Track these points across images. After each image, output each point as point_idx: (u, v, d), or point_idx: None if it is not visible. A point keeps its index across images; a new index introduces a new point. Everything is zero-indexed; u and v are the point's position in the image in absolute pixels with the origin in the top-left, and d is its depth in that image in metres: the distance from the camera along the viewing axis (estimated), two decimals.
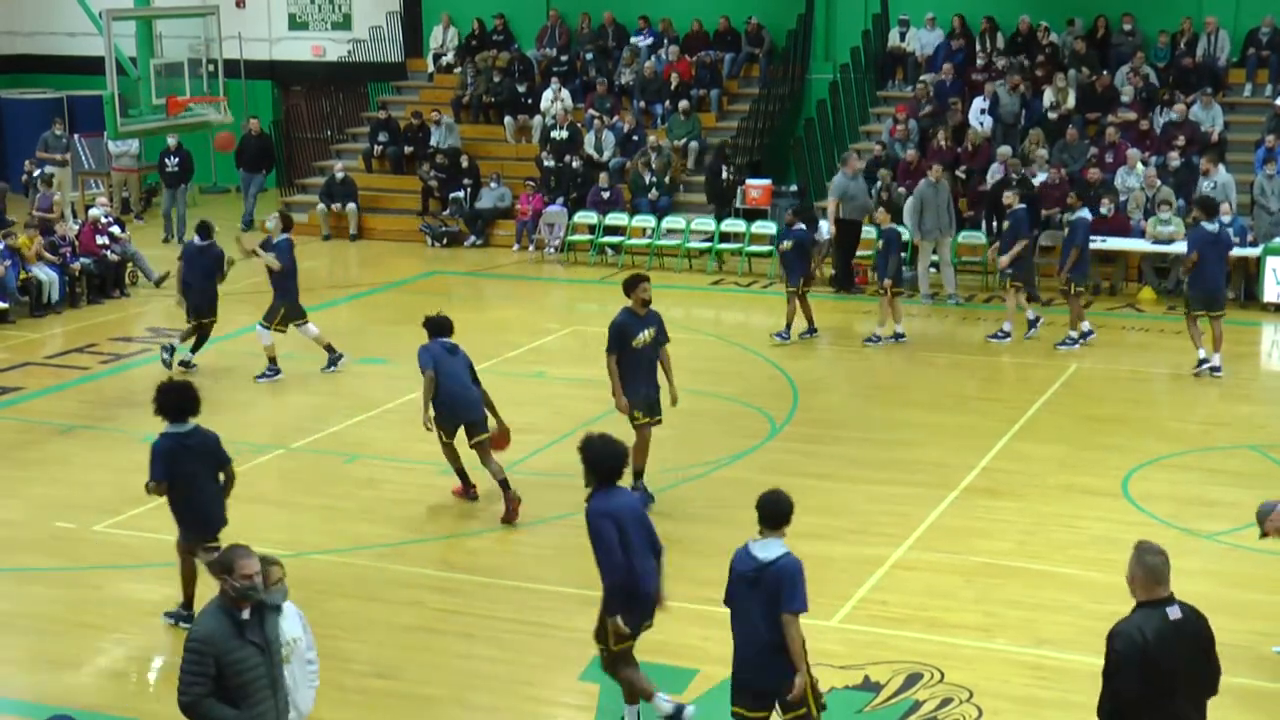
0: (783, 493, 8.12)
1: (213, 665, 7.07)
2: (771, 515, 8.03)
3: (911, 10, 27.35)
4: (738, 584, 8.09)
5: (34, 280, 20.86)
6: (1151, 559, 7.04)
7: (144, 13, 27.00)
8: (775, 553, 7.98)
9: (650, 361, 12.93)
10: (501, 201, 26.07)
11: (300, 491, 13.98)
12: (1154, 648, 6.87)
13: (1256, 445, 14.90)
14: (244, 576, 7.19)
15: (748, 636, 8.09)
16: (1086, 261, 19.13)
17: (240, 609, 7.20)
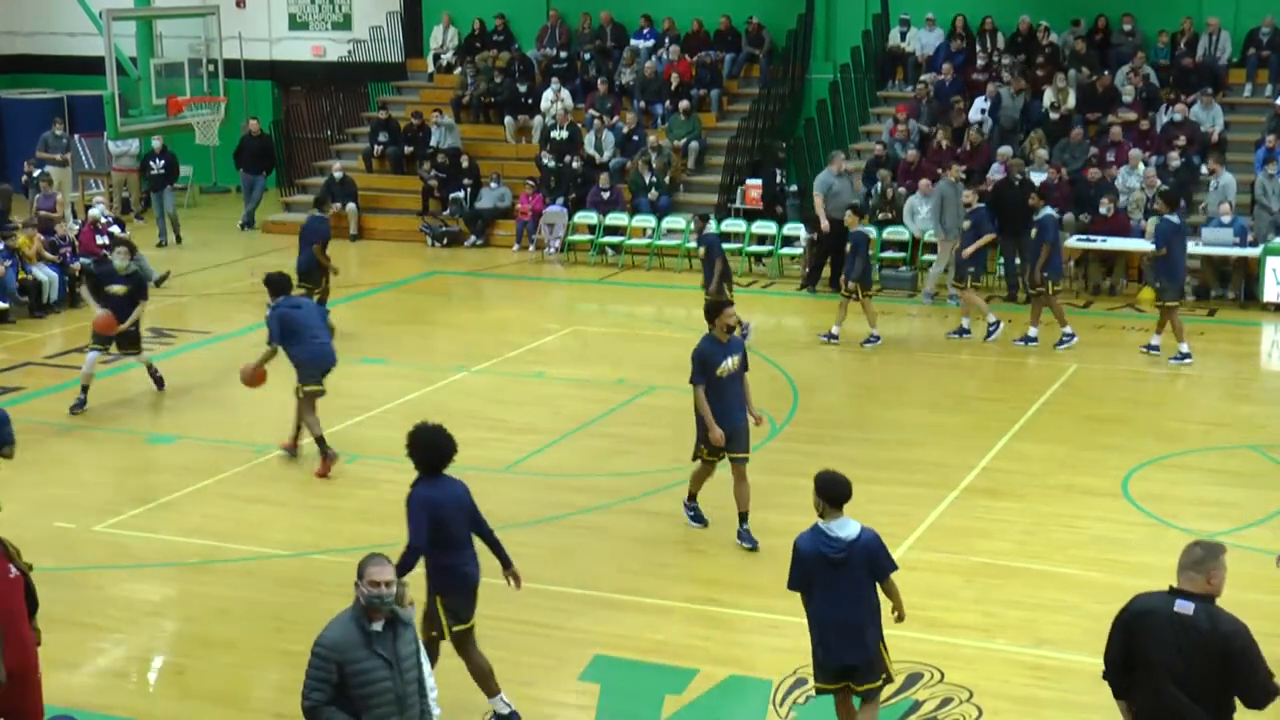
0: (839, 473, 8.39)
1: (335, 673, 6.94)
2: (838, 496, 8.28)
3: (912, 10, 27.36)
4: (819, 567, 8.23)
5: (34, 280, 20.85)
6: (1190, 550, 7.06)
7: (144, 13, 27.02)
8: (856, 529, 8.25)
9: (736, 391, 12.26)
10: (501, 201, 26.08)
11: (300, 491, 13.98)
12: (1135, 624, 7.01)
13: (1256, 445, 14.90)
14: (371, 584, 7.01)
15: (834, 615, 8.27)
16: (1059, 258, 19.13)
17: (372, 620, 7.04)
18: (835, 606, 8.25)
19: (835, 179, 21.91)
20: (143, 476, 14.22)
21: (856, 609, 8.26)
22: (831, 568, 8.19)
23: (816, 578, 8.23)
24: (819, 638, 8.40)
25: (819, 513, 8.32)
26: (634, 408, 16.38)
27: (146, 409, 16.61)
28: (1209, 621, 6.87)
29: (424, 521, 9.04)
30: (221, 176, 31.60)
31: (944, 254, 21.02)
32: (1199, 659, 6.86)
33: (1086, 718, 9.59)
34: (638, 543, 12.61)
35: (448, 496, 9.23)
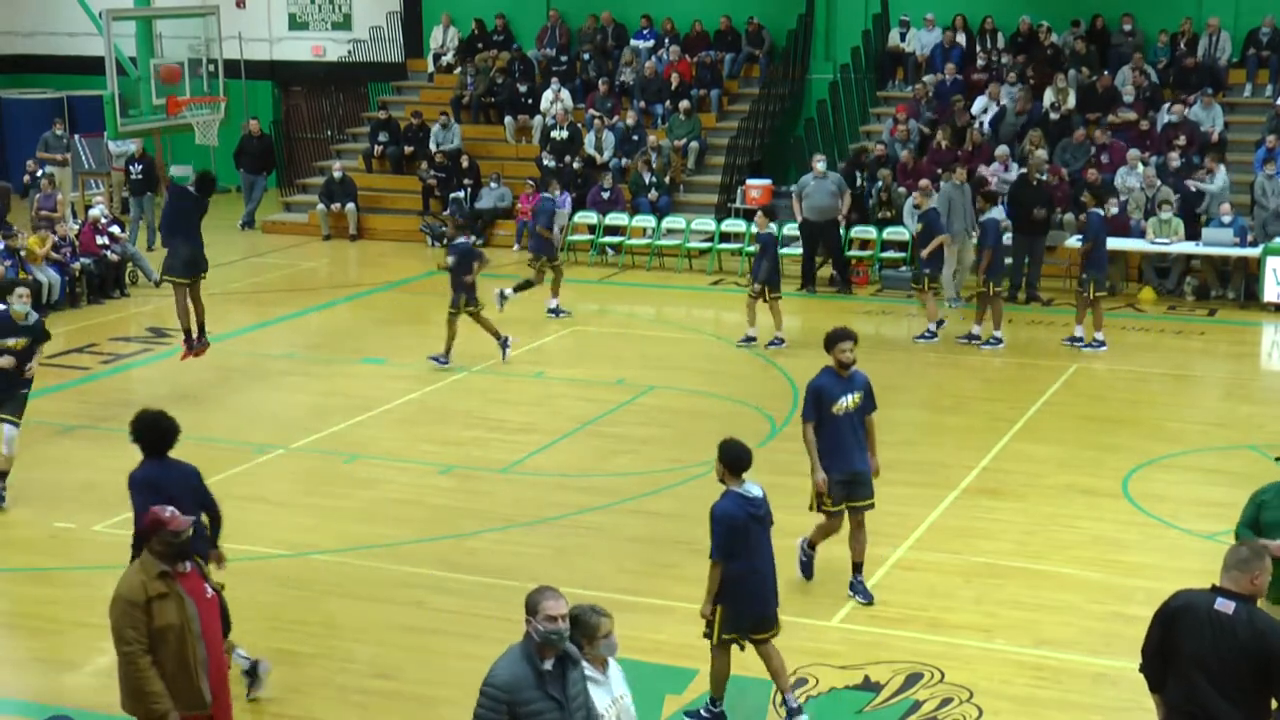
0: (741, 441, 9.17)
1: (505, 713, 6.67)
2: (743, 464, 9.09)
3: (912, 10, 27.36)
4: (750, 527, 8.98)
5: (34, 281, 20.83)
6: (1235, 551, 7.14)
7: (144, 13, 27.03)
8: (760, 488, 9.13)
9: (853, 432, 11.12)
10: (501, 201, 26.08)
11: (300, 491, 13.98)
12: (1175, 617, 7.08)
13: (1256, 445, 14.89)
14: (548, 618, 6.77)
15: (764, 569, 9.10)
16: (1000, 262, 19.15)
17: (544, 657, 6.79)
18: (764, 560, 9.11)
19: (812, 180, 21.97)
20: None
21: (772, 562, 9.20)
22: (759, 525, 9.05)
23: (745, 539, 8.96)
24: (746, 592, 9.01)
25: (720, 479, 9.12)
26: (634, 408, 16.39)
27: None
28: (1248, 620, 6.92)
29: (144, 502, 9.07)
30: (221, 177, 31.44)
31: (951, 256, 20.99)
32: (1235, 657, 6.89)
33: (1086, 718, 9.60)
34: (638, 543, 12.61)
35: (172, 478, 9.40)
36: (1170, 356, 18.62)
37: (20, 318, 13.58)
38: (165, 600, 7.55)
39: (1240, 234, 21.07)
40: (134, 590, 7.53)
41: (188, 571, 7.76)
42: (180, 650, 7.59)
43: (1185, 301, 21.34)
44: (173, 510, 7.69)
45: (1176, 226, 21.34)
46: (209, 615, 7.81)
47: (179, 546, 7.66)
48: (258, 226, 27.79)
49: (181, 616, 7.59)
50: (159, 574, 7.59)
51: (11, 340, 13.44)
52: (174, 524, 7.63)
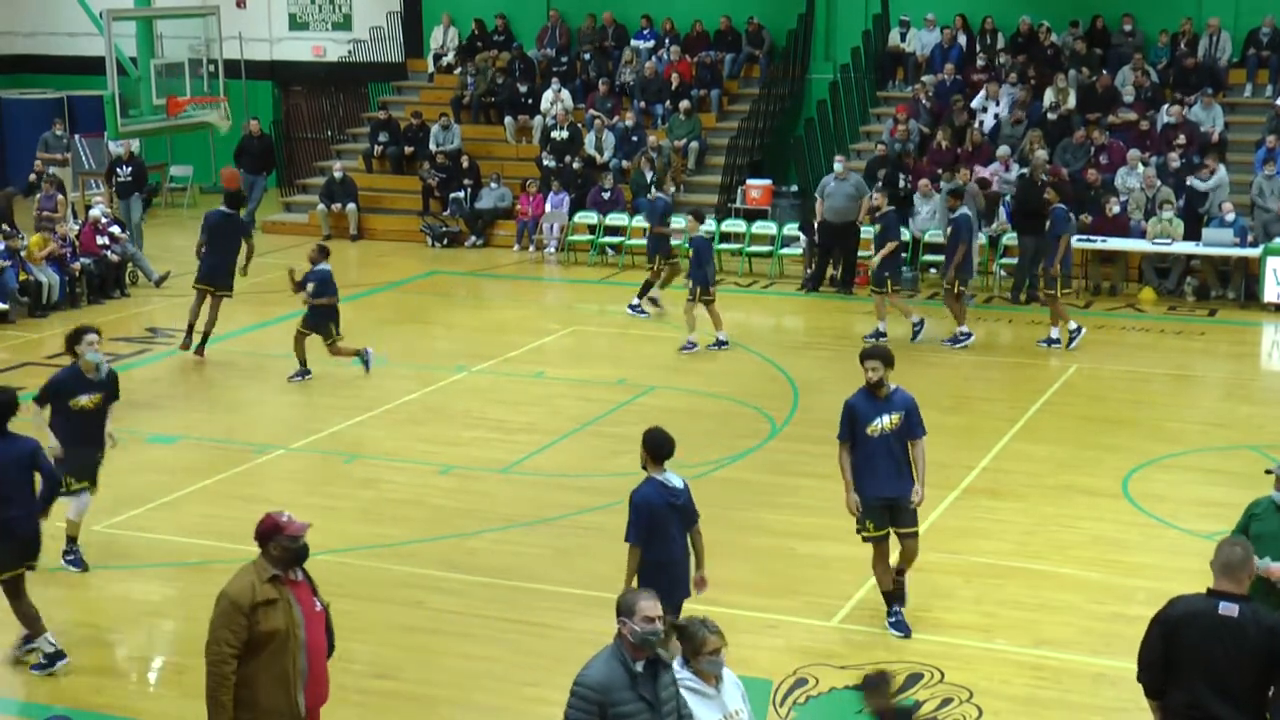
0: (664, 430, 9.40)
1: (597, 714, 6.56)
2: (665, 453, 9.32)
3: (912, 10, 27.36)
4: (665, 515, 9.21)
5: (34, 281, 20.85)
6: (1228, 551, 7.17)
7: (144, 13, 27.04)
8: (681, 479, 9.40)
9: (891, 456, 10.44)
10: (501, 202, 26.08)
11: (300, 491, 13.97)
12: (1179, 625, 7.09)
13: (1256, 446, 14.88)
14: (645, 619, 6.64)
15: (676, 557, 9.29)
16: (971, 261, 19.17)
17: (636, 658, 6.65)
18: (677, 548, 9.31)
19: (832, 181, 21.99)
20: (143, 476, 14.20)
21: (685, 551, 9.40)
22: (675, 513, 9.27)
23: (661, 526, 9.19)
24: (658, 579, 8.97)
25: (643, 466, 9.35)
26: (634, 408, 16.38)
27: (146, 409, 16.57)
28: (1254, 620, 6.99)
29: None
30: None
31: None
32: (1246, 658, 6.95)
33: (1086, 718, 9.60)
34: None
35: (6, 453, 9.84)
36: (1170, 356, 18.62)
37: (90, 370, 11.71)
38: (273, 606, 7.40)
39: (1240, 234, 21.07)
40: (242, 593, 7.38)
41: (299, 581, 7.60)
42: (280, 658, 7.44)
43: (1185, 301, 21.34)
44: (289, 515, 7.53)
45: (1176, 226, 21.34)
46: (315, 628, 7.63)
47: (295, 552, 7.51)
48: (258, 226, 27.75)
49: (287, 623, 7.44)
50: (270, 578, 7.45)
51: (85, 398, 11.71)
52: (291, 528, 7.48)
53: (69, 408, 11.63)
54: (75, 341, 11.75)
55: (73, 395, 11.67)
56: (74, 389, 11.69)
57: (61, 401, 11.64)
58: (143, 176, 25.81)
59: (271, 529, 7.51)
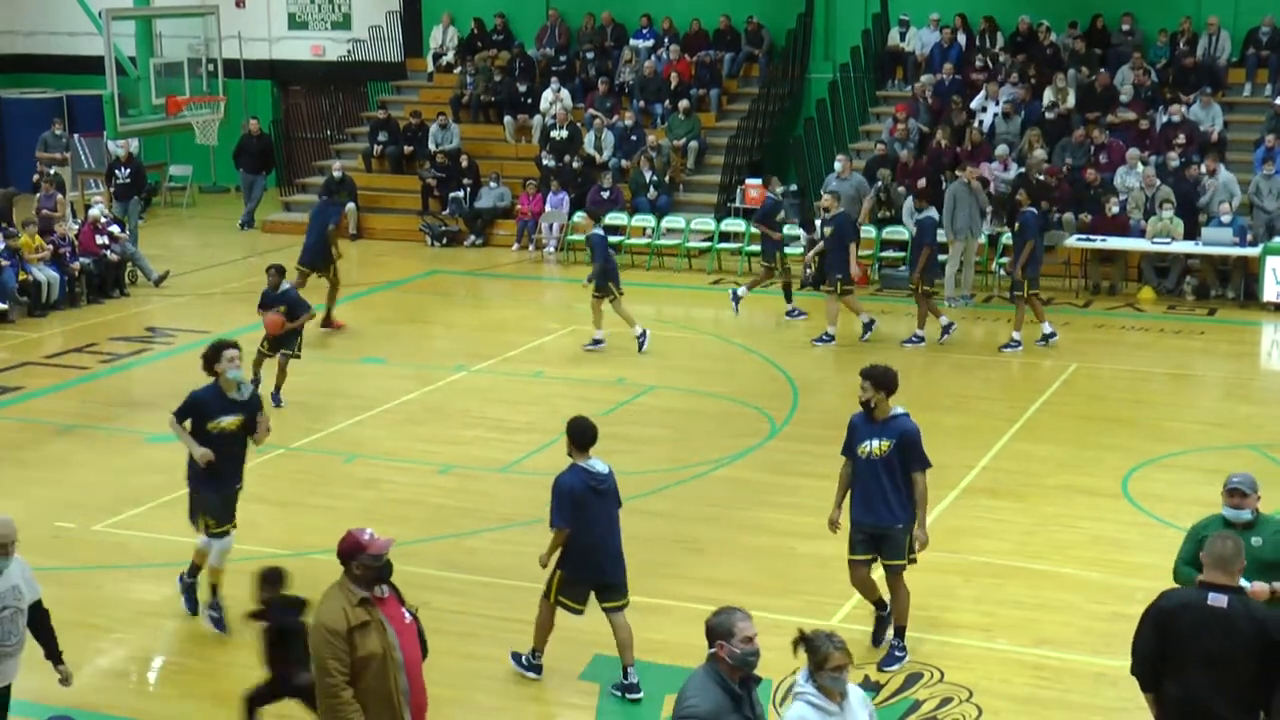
0: (588, 419, 9.72)
1: None
2: (589, 440, 9.65)
3: (912, 10, 27.36)
4: (588, 499, 9.55)
5: (34, 280, 20.85)
6: (1220, 545, 7.21)
7: (144, 12, 27.04)
8: (606, 465, 9.73)
9: (878, 481, 10.01)
10: (501, 201, 26.08)
11: (300, 491, 13.98)
12: (1171, 618, 7.16)
13: (1256, 445, 14.89)
14: (745, 640, 6.63)
15: (602, 540, 9.69)
16: (936, 261, 19.16)
17: (734, 678, 6.62)
18: (603, 531, 9.70)
19: (835, 181, 22.02)
20: (143, 476, 14.20)
21: (616, 533, 9.81)
22: (598, 498, 9.61)
23: (584, 510, 9.54)
24: (584, 561, 9.66)
25: (569, 454, 9.68)
26: (634, 408, 16.39)
27: (146, 409, 16.58)
28: (1244, 611, 7.05)
29: None
30: (221, 176, 31.60)
31: (955, 254, 20.99)
32: (1237, 649, 7.00)
33: (1086, 718, 9.60)
34: (638, 543, 12.55)
35: None
36: (1170, 356, 18.62)
37: (232, 389, 10.59)
38: (366, 629, 7.17)
39: (1240, 234, 21.08)
40: (335, 619, 7.15)
41: (385, 597, 7.39)
42: (382, 680, 7.21)
43: (1185, 301, 21.35)
44: (371, 532, 7.25)
45: (1176, 226, 21.34)
46: (409, 642, 7.39)
47: (379, 570, 7.27)
48: (257, 226, 27.78)
49: (383, 644, 7.21)
50: (359, 601, 7.21)
51: (226, 419, 10.56)
52: (373, 547, 7.21)
53: (208, 431, 10.52)
54: (214, 359, 10.61)
55: (213, 417, 10.55)
56: (215, 410, 10.54)
57: (200, 424, 10.53)
58: (141, 179, 25.75)
59: (353, 548, 7.24)
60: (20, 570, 7.86)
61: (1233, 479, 8.39)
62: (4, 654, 7.81)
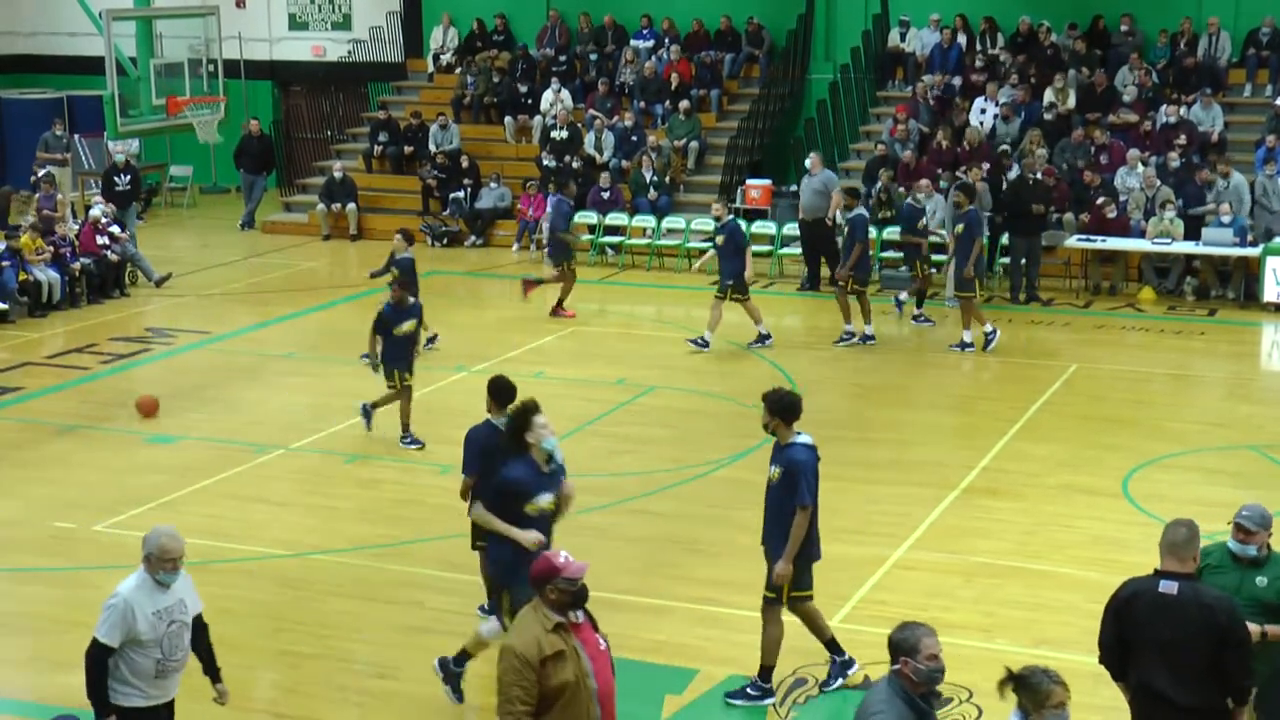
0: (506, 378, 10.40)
1: None
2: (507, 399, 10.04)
3: (912, 10, 27.36)
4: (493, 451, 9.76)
5: (34, 280, 20.86)
6: (1172, 532, 7.35)
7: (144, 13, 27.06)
8: None
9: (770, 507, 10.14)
10: (501, 201, 26.08)
11: (300, 491, 13.98)
12: (1125, 607, 7.31)
13: (1256, 445, 14.89)
14: (930, 657, 6.50)
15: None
16: (868, 260, 19.18)
17: (917, 693, 6.50)
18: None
19: (806, 178, 22.22)
20: (143, 476, 14.21)
21: None
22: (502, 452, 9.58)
23: (491, 460, 9.75)
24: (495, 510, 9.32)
25: (488, 410, 10.22)
26: (634, 408, 16.39)
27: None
28: (1193, 597, 7.12)
29: None
30: (221, 176, 31.61)
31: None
32: (1187, 636, 7.08)
33: (1086, 718, 9.58)
34: (638, 543, 12.60)
35: None
36: (1170, 356, 18.63)
37: (545, 461, 9.21)
38: (560, 658, 6.78)
39: (1240, 234, 21.08)
40: (528, 647, 6.74)
41: (580, 622, 6.98)
42: (572, 711, 6.82)
43: (1185, 301, 21.34)
44: (566, 555, 6.92)
45: (1177, 226, 21.34)
46: (602, 669, 6.97)
47: (575, 594, 6.86)
48: (258, 226, 27.79)
49: (577, 673, 6.82)
50: (554, 627, 6.81)
51: (544, 499, 9.22)
52: (569, 570, 6.84)
53: (525, 514, 9.07)
54: (523, 427, 9.11)
55: (532, 497, 9.10)
56: (533, 488, 9.11)
57: (516, 504, 9.10)
58: (139, 185, 25.67)
59: (548, 571, 6.87)
60: (185, 584, 7.78)
61: (1242, 512, 8.04)
62: (169, 669, 7.67)
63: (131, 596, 7.56)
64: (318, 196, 27.14)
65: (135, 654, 7.56)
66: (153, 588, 7.61)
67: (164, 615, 7.60)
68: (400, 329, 14.89)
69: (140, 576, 7.64)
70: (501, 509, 9.11)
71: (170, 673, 7.70)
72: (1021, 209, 20.86)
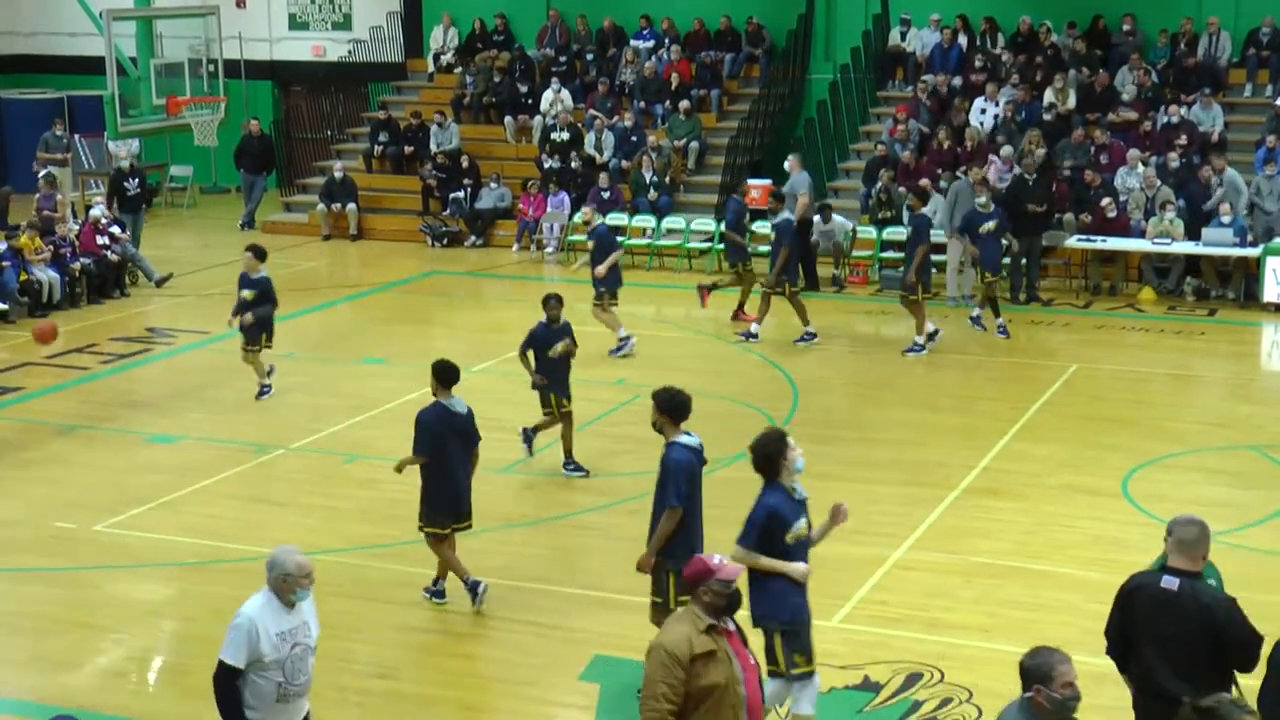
0: (449, 361, 11.15)
1: None
2: (452, 380, 11.06)
3: (913, 10, 27.36)
4: (446, 433, 10.81)
5: (34, 280, 20.85)
6: (1180, 530, 7.46)
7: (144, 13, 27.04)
8: (465, 404, 11.07)
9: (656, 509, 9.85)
10: (501, 201, 26.08)
11: (300, 491, 13.98)
12: (1129, 599, 7.45)
13: (1256, 445, 14.89)
14: (1067, 685, 6.28)
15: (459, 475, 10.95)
16: (795, 262, 19.22)
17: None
18: (456, 464, 10.85)
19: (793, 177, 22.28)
20: (143, 476, 14.21)
21: (467, 470, 11.00)
22: (455, 434, 10.81)
23: (442, 443, 10.71)
24: (446, 492, 10.79)
25: (434, 392, 10.96)
26: (634, 408, 16.38)
27: (146, 409, 16.60)
28: (1192, 595, 7.20)
29: None
30: (221, 176, 31.61)
31: (954, 254, 21.00)
32: (1187, 633, 7.16)
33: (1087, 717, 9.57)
34: (638, 543, 12.52)
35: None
36: (1170, 356, 18.63)
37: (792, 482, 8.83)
38: (711, 658, 6.66)
39: (1240, 234, 21.07)
40: (678, 644, 6.64)
41: (732, 630, 6.88)
42: (720, 715, 6.71)
43: (1185, 301, 21.34)
44: (720, 558, 6.84)
45: (1177, 226, 21.34)
46: (751, 680, 6.87)
47: (729, 598, 6.77)
48: (258, 226, 27.79)
49: (727, 678, 6.70)
50: (706, 628, 6.72)
51: (800, 524, 8.86)
52: (723, 572, 6.76)
53: (786, 544, 8.74)
54: (779, 453, 8.68)
55: (790, 525, 8.71)
56: (791, 515, 8.72)
57: (779, 535, 8.69)
58: (146, 187, 25.67)
59: (703, 573, 6.78)
60: (310, 607, 7.58)
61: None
62: (291, 694, 7.42)
63: (257, 616, 7.33)
64: (318, 196, 27.14)
65: (257, 677, 7.33)
66: (278, 608, 7.40)
67: (288, 637, 7.39)
68: (553, 350, 14.45)
69: (265, 596, 7.42)
70: (764, 543, 8.61)
71: (292, 698, 7.46)
72: (1021, 209, 20.85)
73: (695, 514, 9.51)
